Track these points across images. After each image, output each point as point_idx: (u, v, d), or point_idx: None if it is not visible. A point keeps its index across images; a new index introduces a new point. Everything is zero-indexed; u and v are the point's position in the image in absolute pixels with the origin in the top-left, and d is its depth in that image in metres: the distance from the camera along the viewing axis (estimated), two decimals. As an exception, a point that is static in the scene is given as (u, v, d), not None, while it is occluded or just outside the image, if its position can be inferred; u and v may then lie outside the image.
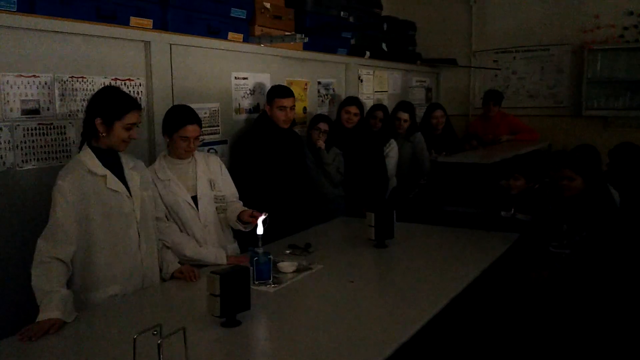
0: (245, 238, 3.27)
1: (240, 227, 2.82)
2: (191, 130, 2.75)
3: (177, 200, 2.77)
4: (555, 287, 3.17)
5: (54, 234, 2.16)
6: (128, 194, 2.36)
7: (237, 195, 3.03)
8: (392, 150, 4.78)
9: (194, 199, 2.81)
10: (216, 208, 2.89)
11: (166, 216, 2.76)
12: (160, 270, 2.56)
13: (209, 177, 2.88)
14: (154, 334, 1.57)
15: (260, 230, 2.37)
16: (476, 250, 2.98)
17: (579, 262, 3.19)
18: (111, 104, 2.31)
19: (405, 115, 4.92)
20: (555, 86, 6.40)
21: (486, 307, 2.89)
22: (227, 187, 2.98)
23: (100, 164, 2.31)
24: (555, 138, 6.02)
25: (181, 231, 2.78)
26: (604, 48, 5.97)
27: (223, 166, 3.02)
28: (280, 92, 3.71)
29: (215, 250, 2.79)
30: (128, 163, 2.44)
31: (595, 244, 3.11)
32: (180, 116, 2.77)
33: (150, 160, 3.15)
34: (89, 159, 2.30)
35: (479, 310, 2.80)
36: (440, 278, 2.53)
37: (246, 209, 2.81)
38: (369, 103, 5.16)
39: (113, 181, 2.32)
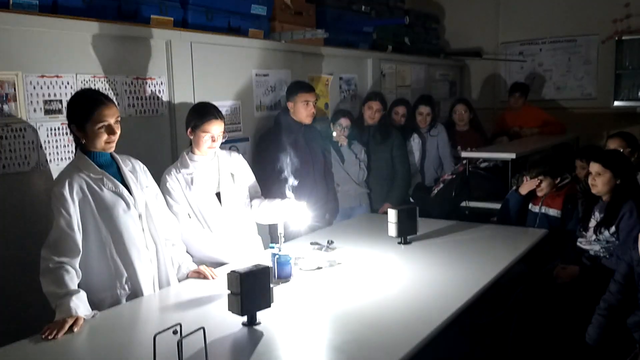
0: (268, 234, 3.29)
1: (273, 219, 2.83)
2: (215, 126, 2.75)
3: (200, 196, 2.78)
4: (584, 284, 3.10)
5: (58, 242, 2.14)
6: (129, 194, 2.33)
7: (259, 191, 3.04)
8: (416, 146, 4.73)
9: (217, 195, 2.82)
10: (239, 203, 2.89)
11: (188, 214, 2.76)
12: None
13: (232, 172, 2.90)
14: (174, 333, 1.57)
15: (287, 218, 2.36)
16: (502, 246, 2.93)
17: (607, 259, 3.12)
18: (77, 108, 2.27)
19: (426, 109, 4.86)
20: (582, 78, 6.26)
21: (513, 303, 2.84)
22: (250, 182, 3.00)
23: (95, 165, 2.28)
24: (583, 131, 5.88)
25: (203, 227, 2.79)
26: (634, 38, 5.80)
27: (245, 163, 3.03)
28: (303, 87, 3.71)
29: (238, 252, 2.79)
30: (126, 163, 2.41)
31: (624, 239, 3.03)
32: (205, 112, 2.78)
33: (172, 157, 3.17)
34: (83, 162, 2.27)
35: (505, 306, 2.76)
36: (465, 275, 2.48)
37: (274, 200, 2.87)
38: (391, 98, 5.10)
39: (111, 182, 2.29)
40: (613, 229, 3.12)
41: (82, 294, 2.11)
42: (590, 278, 3.10)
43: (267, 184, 3.21)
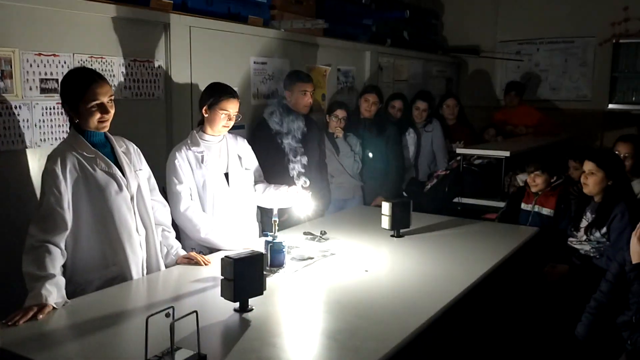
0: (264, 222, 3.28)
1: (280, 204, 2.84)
2: (232, 104, 2.79)
3: (209, 175, 2.79)
4: (573, 283, 3.13)
5: (46, 219, 2.10)
6: (121, 175, 2.30)
7: (262, 175, 3.08)
8: (411, 140, 4.73)
9: (226, 176, 2.84)
10: (246, 185, 2.93)
11: (191, 194, 2.75)
12: None
13: (238, 153, 2.93)
14: (166, 316, 1.56)
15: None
16: (494, 242, 2.94)
17: (598, 259, 3.14)
18: (69, 87, 2.23)
19: (423, 105, 4.86)
20: (578, 79, 6.28)
21: (501, 299, 2.86)
22: (254, 166, 3.03)
23: (89, 145, 2.25)
24: (577, 132, 5.91)
25: (207, 207, 2.79)
26: (631, 42, 5.82)
27: (250, 148, 3.06)
28: (301, 76, 3.72)
29: (232, 238, 2.78)
30: (120, 144, 2.38)
31: (615, 240, 3.05)
32: (223, 90, 2.81)
33: (167, 141, 3.15)
34: (76, 140, 2.24)
35: (494, 303, 2.77)
36: (456, 270, 2.49)
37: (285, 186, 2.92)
38: (388, 92, 5.10)
39: (104, 162, 2.26)
40: (604, 229, 3.14)
41: (59, 279, 2.04)
42: (580, 277, 3.12)
43: (263, 171, 3.20)
